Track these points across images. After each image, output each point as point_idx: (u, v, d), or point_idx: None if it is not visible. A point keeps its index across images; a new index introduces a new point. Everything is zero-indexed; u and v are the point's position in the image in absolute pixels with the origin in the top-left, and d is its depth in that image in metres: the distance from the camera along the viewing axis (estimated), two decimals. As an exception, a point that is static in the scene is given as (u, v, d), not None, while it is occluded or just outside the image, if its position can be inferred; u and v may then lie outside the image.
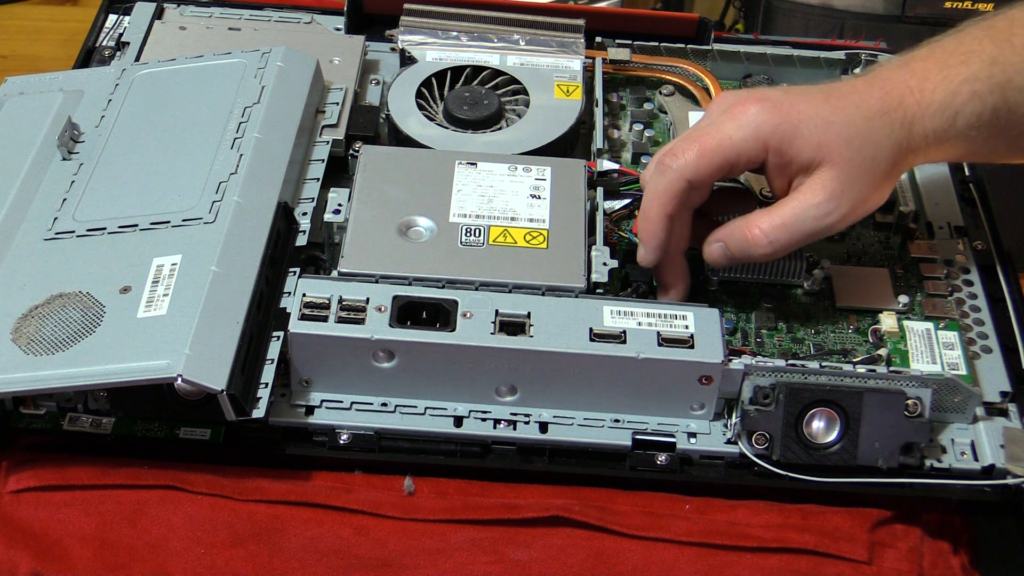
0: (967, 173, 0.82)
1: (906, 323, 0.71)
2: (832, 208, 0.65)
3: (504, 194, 0.71)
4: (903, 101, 0.65)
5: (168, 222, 0.66)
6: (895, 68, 0.67)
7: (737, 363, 0.63)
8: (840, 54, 0.87)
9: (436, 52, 0.84)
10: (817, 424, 0.63)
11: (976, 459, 0.65)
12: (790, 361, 0.64)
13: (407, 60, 0.83)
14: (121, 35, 0.85)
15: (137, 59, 0.82)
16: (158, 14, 0.86)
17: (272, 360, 0.63)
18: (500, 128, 0.79)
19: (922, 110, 0.65)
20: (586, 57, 0.84)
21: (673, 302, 0.68)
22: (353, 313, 0.64)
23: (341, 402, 0.65)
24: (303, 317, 0.63)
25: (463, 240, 0.68)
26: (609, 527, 0.63)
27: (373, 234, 0.68)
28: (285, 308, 0.65)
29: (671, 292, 0.70)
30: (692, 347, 0.64)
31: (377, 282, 0.65)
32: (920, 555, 0.63)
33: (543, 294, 0.66)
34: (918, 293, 0.73)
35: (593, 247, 0.69)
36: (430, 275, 0.66)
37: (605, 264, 0.68)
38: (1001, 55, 0.65)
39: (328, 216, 0.70)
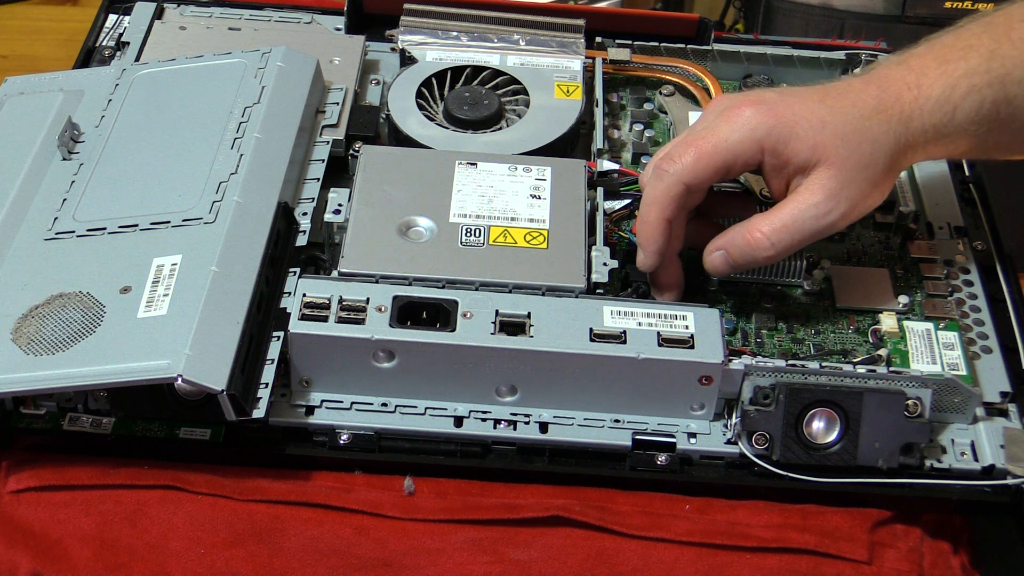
0: (967, 173, 0.82)
1: (906, 323, 0.71)
2: (831, 207, 0.65)
3: (504, 194, 0.71)
4: (900, 97, 0.65)
5: (168, 222, 0.66)
6: (892, 66, 0.67)
7: (737, 363, 0.63)
8: (840, 54, 0.87)
9: (436, 52, 0.84)
10: (817, 424, 0.63)
11: (976, 459, 0.65)
12: (790, 361, 0.64)
13: (407, 60, 0.83)
14: (121, 35, 0.85)
15: (137, 59, 0.82)
16: (158, 14, 0.86)
17: (272, 360, 0.63)
18: (500, 128, 0.79)
19: (920, 105, 0.65)
20: (586, 57, 0.84)
21: (672, 302, 0.68)
22: (353, 313, 0.64)
23: (341, 402, 0.65)
24: (303, 317, 0.63)
25: (463, 240, 0.68)
26: (609, 527, 0.63)
27: (373, 234, 0.68)
28: (285, 308, 0.65)
29: (666, 293, 0.70)
30: (692, 347, 0.64)
31: (377, 282, 0.65)
32: (920, 555, 0.63)
33: (543, 294, 0.66)
34: (918, 293, 0.73)
35: (593, 247, 0.69)
36: (430, 275, 0.66)
37: (605, 264, 0.68)
38: (1000, 49, 0.65)
39: (328, 216, 0.70)
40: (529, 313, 0.64)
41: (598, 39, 0.87)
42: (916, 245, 0.76)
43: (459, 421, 0.65)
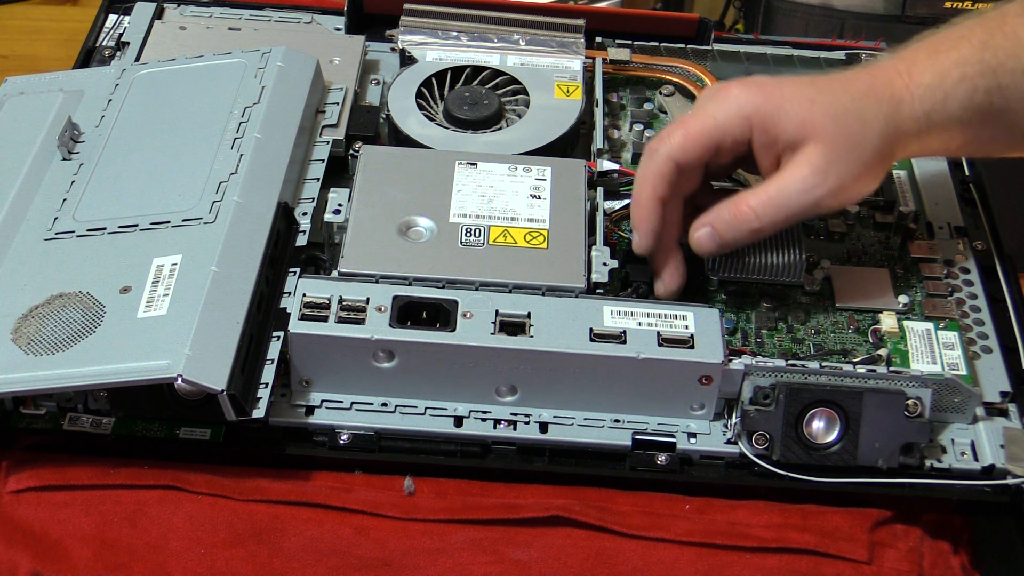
0: (967, 173, 0.82)
1: (906, 323, 0.71)
2: (817, 182, 0.65)
3: (504, 194, 0.71)
4: (891, 82, 0.65)
5: (168, 222, 0.66)
6: (885, 58, 0.68)
7: (737, 363, 0.63)
8: (840, 54, 0.87)
9: (436, 52, 0.84)
10: (817, 424, 0.63)
11: (976, 459, 0.65)
12: (790, 361, 0.64)
13: (407, 60, 0.83)
14: (121, 35, 0.85)
15: (137, 59, 0.82)
16: (158, 14, 0.86)
17: (272, 360, 0.63)
18: (500, 128, 0.79)
19: (911, 91, 0.65)
20: (586, 57, 0.84)
21: (673, 302, 0.67)
22: (353, 313, 0.64)
23: (341, 402, 0.65)
24: (303, 317, 0.63)
25: (463, 240, 0.68)
26: (609, 527, 0.63)
27: (373, 234, 0.68)
28: (285, 308, 0.65)
29: (666, 282, 0.70)
30: (692, 347, 0.64)
31: (377, 282, 0.65)
32: (920, 555, 0.63)
33: (543, 294, 0.66)
34: (918, 293, 0.73)
35: (593, 247, 0.69)
36: (430, 275, 0.66)
37: (605, 264, 0.68)
38: (992, 40, 0.65)
39: (328, 216, 0.70)
40: (529, 313, 0.64)
41: (598, 39, 0.87)
42: (916, 245, 0.76)
43: (459, 421, 0.65)
